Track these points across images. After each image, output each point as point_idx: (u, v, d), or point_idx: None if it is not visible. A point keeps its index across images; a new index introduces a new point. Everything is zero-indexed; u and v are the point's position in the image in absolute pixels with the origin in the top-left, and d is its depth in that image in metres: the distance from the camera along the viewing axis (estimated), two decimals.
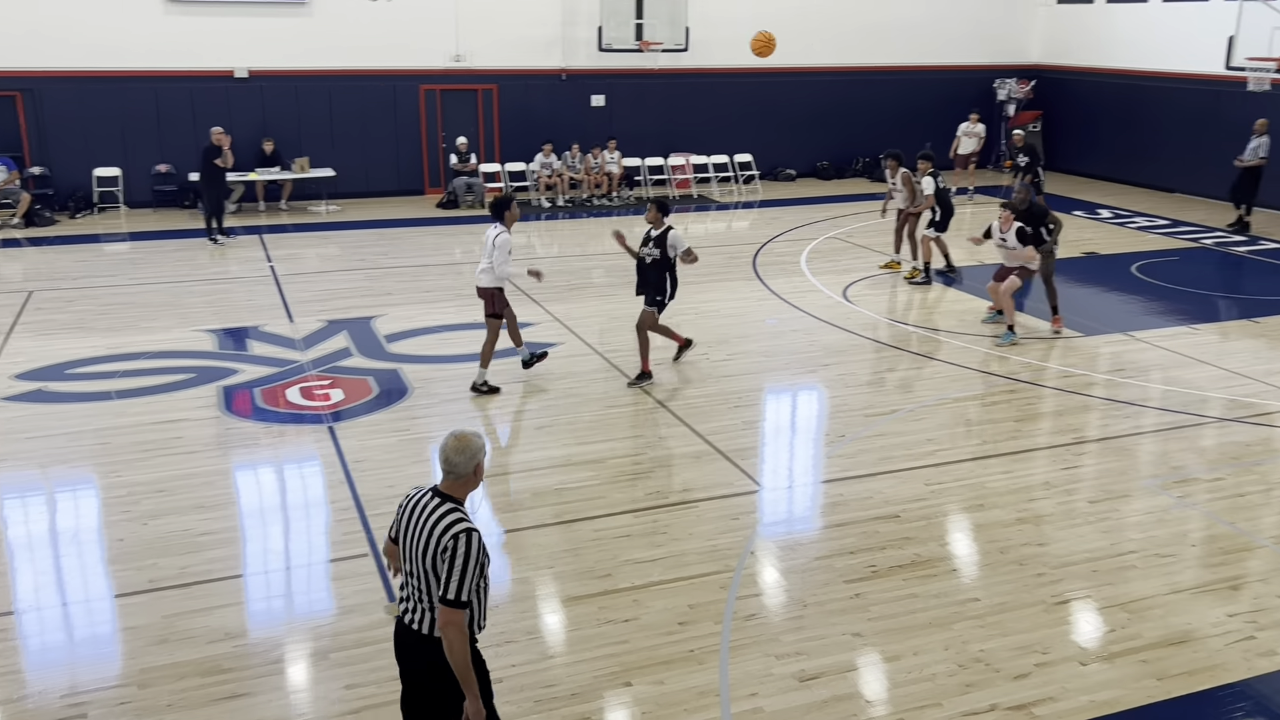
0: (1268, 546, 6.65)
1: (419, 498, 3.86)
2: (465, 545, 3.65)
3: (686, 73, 20.43)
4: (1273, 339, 11.11)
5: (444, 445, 3.81)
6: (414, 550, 3.78)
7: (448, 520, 3.70)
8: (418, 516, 3.79)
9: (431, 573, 3.71)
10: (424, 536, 3.73)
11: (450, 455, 3.77)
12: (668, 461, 7.92)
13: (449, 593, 3.65)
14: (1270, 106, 16.86)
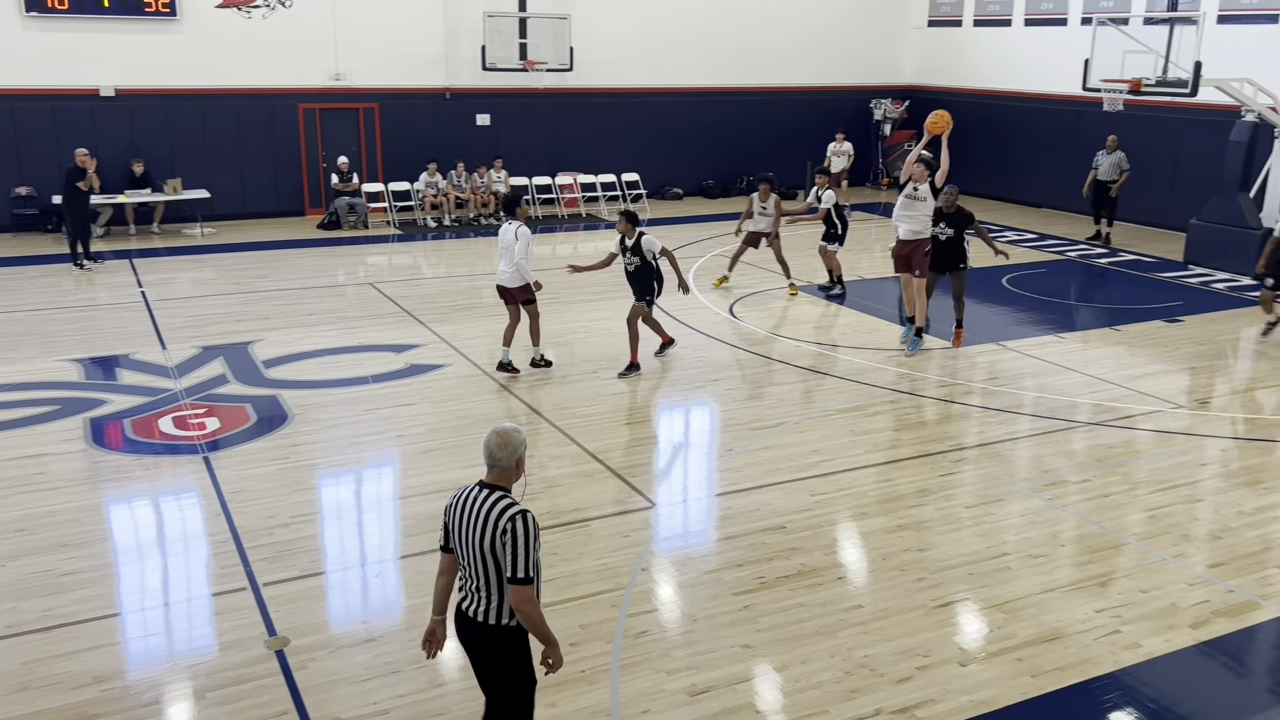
0: (1132, 544, 6.99)
1: (466, 495, 4.09)
2: (522, 525, 3.92)
3: (572, 92, 20.52)
4: (1133, 346, 11.73)
5: (487, 442, 4.05)
6: (471, 542, 4.01)
7: (501, 506, 3.96)
8: (470, 511, 4.02)
9: (491, 558, 3.96)
10: (480, 526, 3.97)
11: (494, 450, 4.03)
12: (558, 481, 7.89)
13: (516, 572, 3.93)
14: (1125, 125, 17.85)
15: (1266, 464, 8.41)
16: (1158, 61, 15.05)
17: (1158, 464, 8.40)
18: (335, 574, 6.52)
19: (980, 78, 22.03)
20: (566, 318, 12.63)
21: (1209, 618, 6.06)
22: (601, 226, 19.19)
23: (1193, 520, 7.38)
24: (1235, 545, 6.98)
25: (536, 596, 4.04)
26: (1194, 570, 6.62)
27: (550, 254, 17.07)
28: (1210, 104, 16.38)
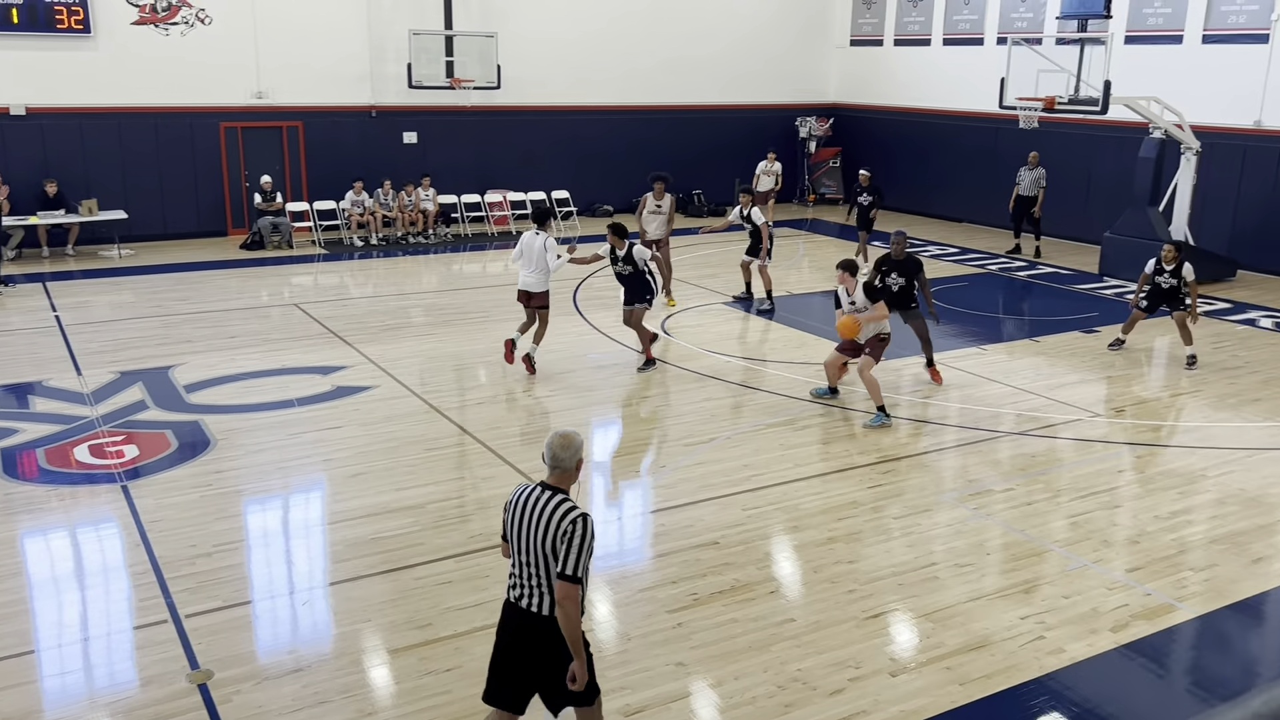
0: (1054, 550, 7.17)
1: (528, 494, 4.30)
2: (582, 528, 4.15)
3: (500, 110, 20.47)
4: (1052, 356, 12.05)
5: (550, 443, 4.27)
6: (530, 539, 4.22)
7: (564, 508, 4.18)
8: (531, 509, 4.24)
9: (550, 555, 4.17)
10: (541, 524, 4.18)
11: (557, 451, 4.24)
12: (491, 503, 7.82)
13: (567, 569, 4.14)
14: (1041, 142, 18.39)
15: (1179, 469, 8.69)
16: (1070, 80, 15.55)
17: (1078, 471, 8.63)
18: (261, 603, 6.38)
19: (901, 96, 22.52)
20: (498, 336, 12.55)
21: (1128, 621, 6.23)
22: None
23: (1112, 526, 7.59)
24: (1152, 549, 7.20)
25: (581, 600, 4.24)
26: (1113, 575, 6.81)
27: (480, 272, 16.98)
28: (1121, 121, 16.96)
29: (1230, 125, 16.59)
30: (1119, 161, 17.96)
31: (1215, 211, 16.90)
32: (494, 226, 20.07)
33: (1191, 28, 17.15)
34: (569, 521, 4.14)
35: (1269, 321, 13.72)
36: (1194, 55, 17.08)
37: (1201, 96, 16.56)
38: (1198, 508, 7.93)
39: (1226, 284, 15.90)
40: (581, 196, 21.42)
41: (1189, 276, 11.53)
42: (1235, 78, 16.53)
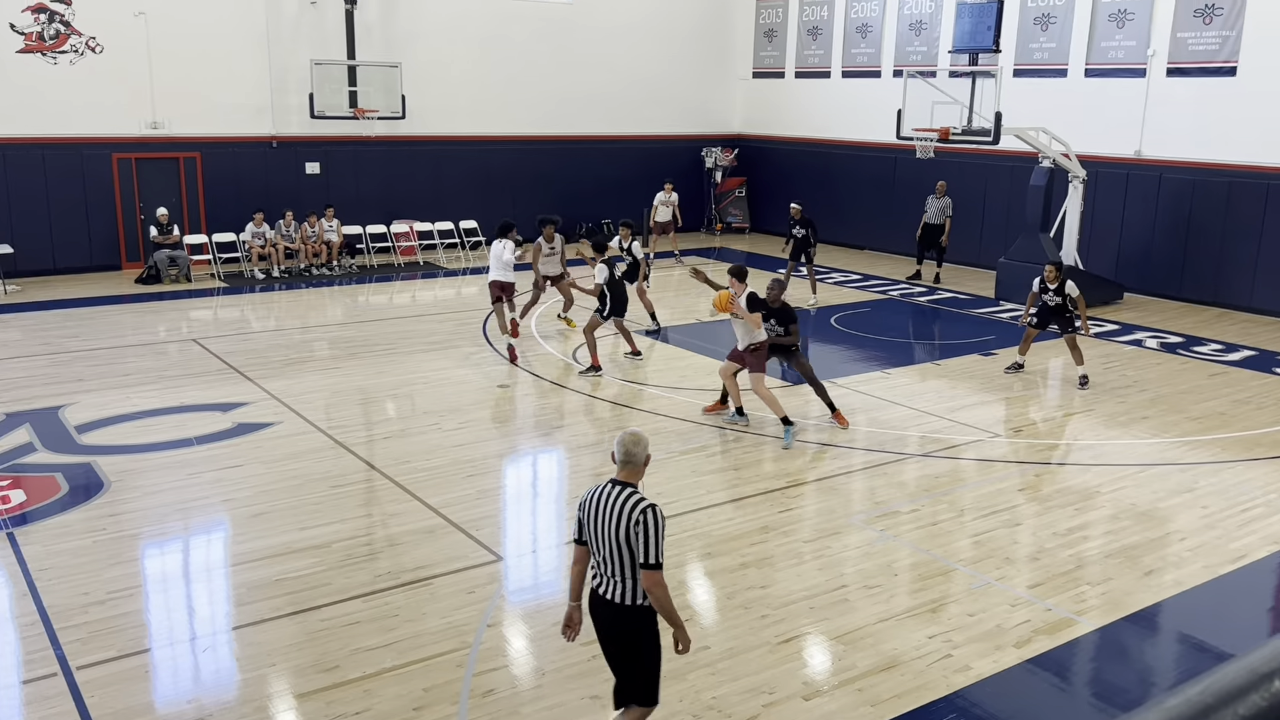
0: (959, 569, 7.33)
1: (600, 492, 4.61)
2: (653, 517, 4.50)
3: (405, 140, 20.30)
4: (953, 379, 12.39)
5: (622, 440, 4.64)
6: (606, 533, 4.53)
7: (634, 500, 4.52)
8: (605, 506, 4.55)
9: (626, 547, 4.48)
10: (616, 518, 4.50)
11: (629, 448, 4.61)
12: (399, 540, 7.67)
13: (649, 559, 4.48)
14: (939, 172, 18.97)
15: (1075, 486, 9.00)
16: (963, 112, 16.11)
17: (980, 491, 8.86)
18: (160, 651, 6.12)
19: (803, 127, 23.04)
20: (406, 368, 12.38)
21: (1031, 636, 6.40)
22: (440, 274, 18.98)
23: (1013, 544, 7.81)
24: (1051, 565, 7.42)
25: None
26: (1016, 591, 6.99)
27: (387, 303, 16.74)
28: (1012, 151, 17.63)
29: (1113, 155, 17.39)
30: (1011, 189, 18.66)
31: (1102, 237, 17.65)
32: (401, 257, 19.82)
33: (1075, 62, 17.96)
34: (639, 513, 4.48)
35: (1154, 342, 14.35)
36: (1078, 88, 17.88)
37: (1086, 127, 17.34)
38: (1093, 523, 8.21)
39: (1114, 306, 16.59)
40: (490, 226, 21.26)
41: (1073, 293, 11.98)
42: (1116, 110, 17.35)
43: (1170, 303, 16.87)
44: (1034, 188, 16.50)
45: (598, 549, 4.59)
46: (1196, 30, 16.32)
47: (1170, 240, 16.98)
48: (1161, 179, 16.95)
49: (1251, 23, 15.64)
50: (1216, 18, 16.02)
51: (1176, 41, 16.56)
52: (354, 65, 19.13)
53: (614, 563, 4.54)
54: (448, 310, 15.84)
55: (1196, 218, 16.60)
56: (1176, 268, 16.93)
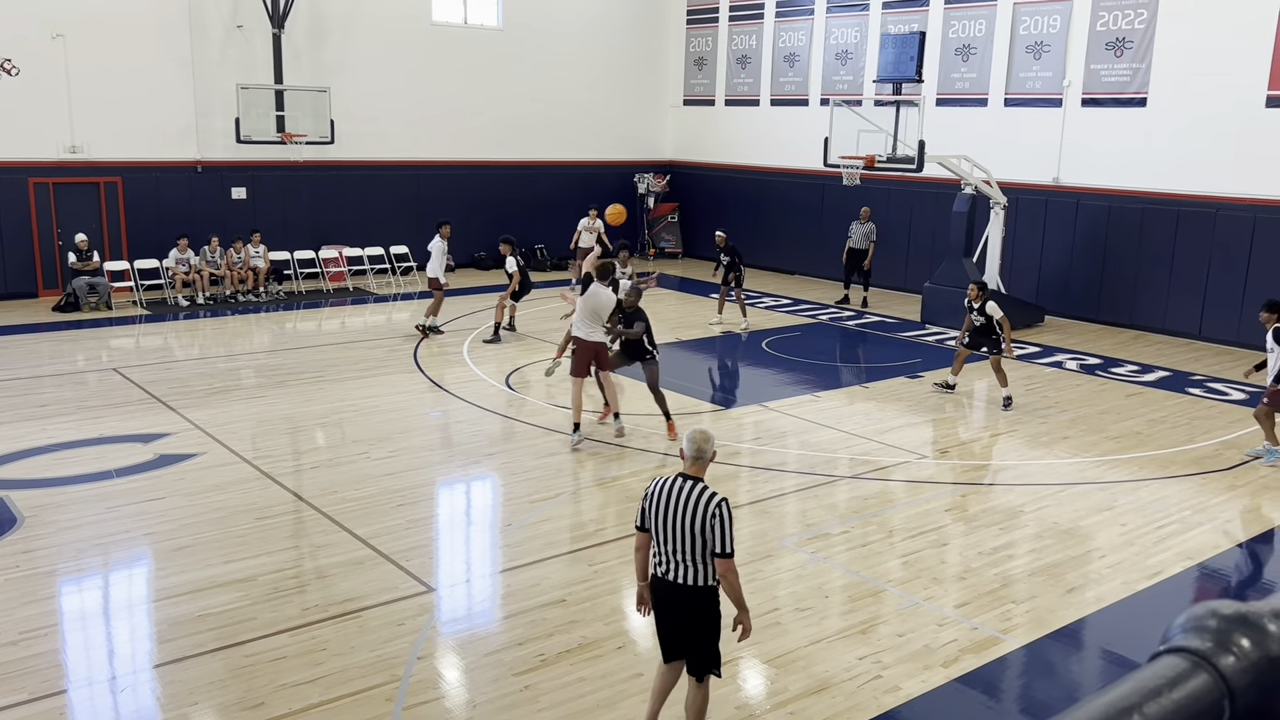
0: (889, 590, 7.43)
1: (669, 484, 5.03)
2: (727, 510, 4.93)
3: (334, 165, 20.09)
4: (881, 401, 12.59)
5: (693, 438, 5.09)
6: (677, 522, 4.94)
7: (708, 494, 4.94)
8: (676, 498, 4.96)
9: (700, 536, 4.90)
10: (689, 510, 4.91)
11: (700, 444, 5.08)
12: (326, 572, 7.53)
13: (726, 548, 4.92)
14: (866, 198, 19.34)
15: (1000, 506, 9.19)
16: (888, 140, 16.48)
17: (909, 511, 9.00)
18: (77, 692, 5.91)
19: (733, 153, 23.34)
20: (334, 396, 12.19)
21: (958, 655, 6.50)
22: (370, 300, 18.77)
23: (941, 564, 7.94)
24: (977, 584, 7.56)
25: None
26: (944, 611, 7.11)
27: (315, 330, 16.49)
28: (936, 178, 18.06)
29: (1032, 182, 17.92)
30: (936, 216, 19.10)
31: (1023, 262, 18.15)
32: (329, 283, 19.56)
33: (995, 92, 18.50)
34: (714, 506, 4.90)
35: (1074, 364, 14.76)
36: (998, 117, 18.41)
37: (1006, 155, 17.85)
38: (1018, 542, 8.39)
39: (1036, 329, 17.04)
40: (421, 252, 21.11)
41: (994, 314, 12.30)
42: (1035, 138, 17.90)
43: (1089, 325, 17.38)
44: (957, 214, 16.92)
45: (666, 537, 4.99)
46: (1108, 63, 16.94)
47: (1088, 265, 17.53)
48: (1079, 205, 17.50)
49: (1160, 56, 16.28)
50: (1127, 50, 16.66)
51: (1090, 73, 17.17)
52: (281, 90, 18.90)
53: (684, 549, 4.96)
54: (378, 336, 15.66)
55: (1113, 243, 17.16)
56: (1094, 291, 17.47)
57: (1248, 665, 0.73)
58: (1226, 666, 0.73)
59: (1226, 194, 15.69)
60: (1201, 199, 15.97)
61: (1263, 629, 0.76)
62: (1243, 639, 0.73)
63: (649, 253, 24.28)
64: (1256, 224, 15.44)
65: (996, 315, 12.27)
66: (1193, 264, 16.18)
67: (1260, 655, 0.73)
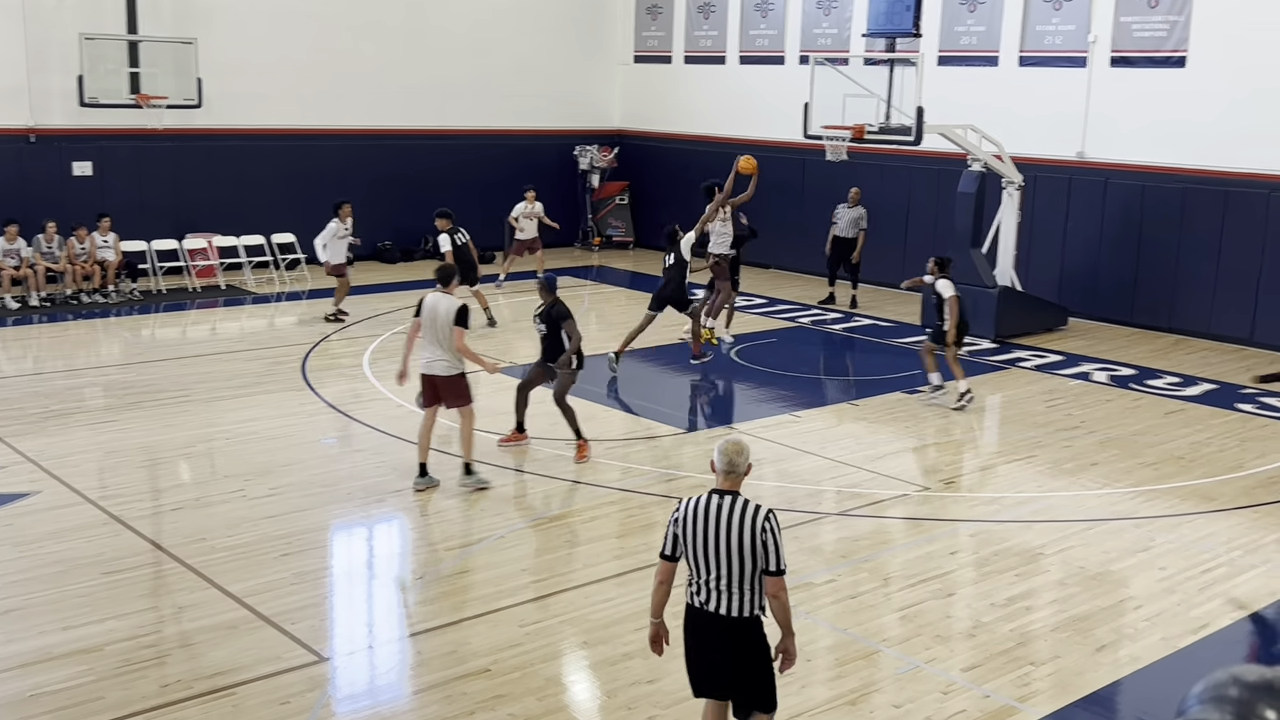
0: (883, 651, 7.50)
1: (703, 504, 5.39)
2: (776, 522, 5.35)
3: (202, 134, 19.90)
4: (872, 422, 12.72)
5: (724, 450, 5.45)
6: (722, 544, 5.30)
7: (753, 508, 5.34)
8: (717, 516, 5.33)
9: (750, 557, 5.29)
10: (736, 528, 5.30)
11: (733, 458, 5.43)
12: (192, 639, 7.43)
13: (780, 565, 5.34)
14: (854, 176, 19.55)
15: (1015, 547, 9.33)
16: (880, 106, 16.70)
17: (908, 555, 9.10)
18: None
19: (695, 122, 23.48)
20: (203, 420, 12.06)
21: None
22: (248, 301, 18.58)
23: (946, 618, 8.03)
24: (989, 643, 7.65)
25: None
26: (949, 675, 7.19)
27: (180, 338, 16.30)
28: (938, 152, 18.32)
29: (1052, 156, 18.25)
30: (938, 197, 19.35)
31: (1042, 253, 18.46)
32: (196, 280, 19.34)
33: (1007, 49, 18.83)
34: (764, 519, 5.31)
35: (1104, 375, 15.04)
36: (1011, 79, 18.74)
37: (1022, 125, 18.15)
38: (1037, 590, 8.52)
39: (1059, 334, 17.34)
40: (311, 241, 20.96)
41: (944, 292, 12.82)
42: (1055, 104, 18.24)
43: (1120, 329, 17.72)
44: (963, 195, 17.15)
45: (707, 563, 5.35)
46: (1141, 14, 17.33)
47: (1119, 256, 17.88)
48: (1108, 185, 17.86)
49: (1202, 6, 16.68)
50: (1162, 0, 17.05)
51: (1120, 27, 17.55)
52: (136, 41, 18.69)
53: (730, 574, 5.33)
54: (258, 345, 15.51)
55: (1148, 230, 17.52)
56: (1127, 288, 17.81)
57: None
58: None
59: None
60: (1254, 178, 16.36)
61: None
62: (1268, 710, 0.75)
63: (593, 242, 24.32)
64: None
65: (946, 294, 12.73)
66: (1244, 256, 16.57)
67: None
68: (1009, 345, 16.43)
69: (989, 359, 15.67)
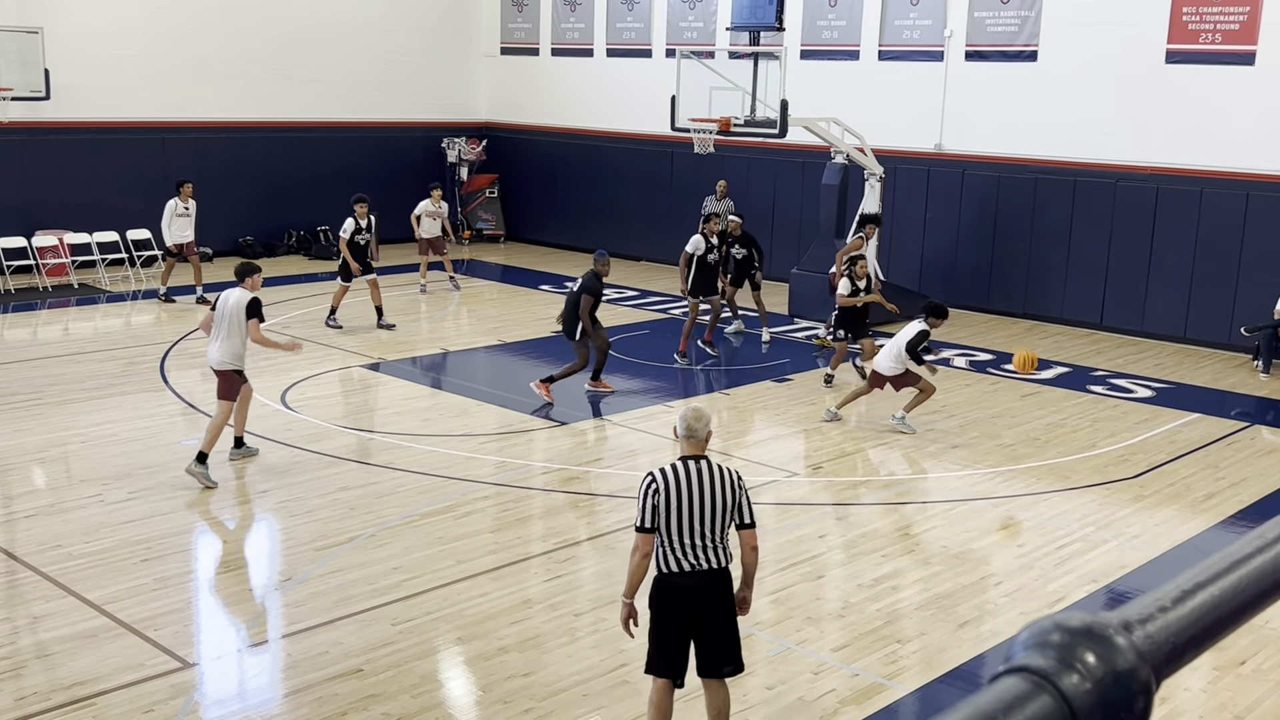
0: (756, 634, 7.62)
1: (679, 471, 5.71)
2: (741, 478, 5.84)
3: (51, 127, 19.15)
4: (742, 410, 12.91)
5: (684, 417, 5.82)
6: (708, 503, 5.67)
7: (727, 469, 5.81)
8: (698, 479, 5.70)
9: (726, 513, 5.72)
10: (717, 486, 5.70)
11: (691, 423, 5.80)
12: (49, 649, 7.19)
13: (754, 517, 5.86)
14: (723, 168, 19.76)
15: (881, 529, 9.57)
16: (745, 99, 16.91)
17: (779, 539, 9.25)
18: None
19: (563, 114, 23.44)
20: (56, 424, 11.63)
21: (837, 708, 6.74)
22: (102, 300, 17.96)
23: (815, 600, 8.21)
24: (858, 622, 7.85)
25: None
26: (820, 656, 7.35)
27: (29, 339, 15.69)
28: (803, 144, 18.62)
29: (912, 149, 18.73)
30: (804, 189, 19.69)
31: (903, 243, 18.93)
32: (47, 279, 18.62)
33: (867, 43, 19.25)
34: (737, 477, 5.78)
35: (962, 360, 15.51)
36: (871, 73, 19.16)
37: (882, 118, 18.58)
38: (903, 570, 8.76)
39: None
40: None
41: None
42: (914, 97, 18.71)
43: (978, 315, 18.28)
44: (826, 187, 17.50)
45: (691, 525, 5.64)
46: (994, 9, 17.88)
47: (976, 245, 18.44)
48: (964, 176, 18.40)
49: (1050, 2, 17.29)
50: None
51: (974, 21, 18.09)
52: None
53: (710, 532, 5.68)
54: (113, 346, 15.02)
55: (1003, 220, 18.11)
56: (983, 276, 18.39)
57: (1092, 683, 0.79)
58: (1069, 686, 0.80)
59: (1126, 161, 16.80)
60: (1101, 168, 17.05)
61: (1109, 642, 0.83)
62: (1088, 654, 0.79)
63: (463, 235, 24.11)
64: (1160, 196, 16.60)
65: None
66: (1092, 243, 17.25)
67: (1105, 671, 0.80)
68: (873, 334, 16.79)
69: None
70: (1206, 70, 16.03)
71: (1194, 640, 0.93)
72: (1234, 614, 0.98)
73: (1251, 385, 14.37)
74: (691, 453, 5.77)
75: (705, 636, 5.79)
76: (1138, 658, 0.86)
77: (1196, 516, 10.05)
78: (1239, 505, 10.25)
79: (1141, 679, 0.86)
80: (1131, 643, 0.87)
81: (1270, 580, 1.01)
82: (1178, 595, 0.96)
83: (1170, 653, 0.90)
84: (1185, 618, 0.94)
